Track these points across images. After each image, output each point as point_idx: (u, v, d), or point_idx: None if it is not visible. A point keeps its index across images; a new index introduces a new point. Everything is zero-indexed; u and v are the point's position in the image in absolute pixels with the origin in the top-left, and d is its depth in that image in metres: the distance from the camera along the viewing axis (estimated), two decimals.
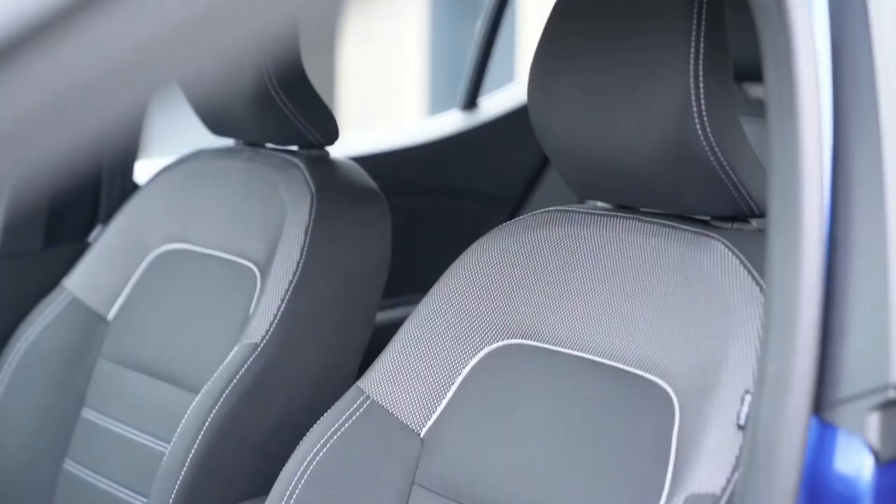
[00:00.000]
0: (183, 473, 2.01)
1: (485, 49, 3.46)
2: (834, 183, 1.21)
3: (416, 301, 1.84)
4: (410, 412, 1.76)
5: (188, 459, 2.01)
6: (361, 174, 2.36)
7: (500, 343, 1.73)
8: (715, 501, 1.38)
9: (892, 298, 1.19)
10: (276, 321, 2.09)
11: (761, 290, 1.49)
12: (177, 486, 2.01)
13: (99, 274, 2.45)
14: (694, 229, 1.61)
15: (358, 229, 2.25)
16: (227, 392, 2.04)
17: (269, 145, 2.41)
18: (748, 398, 1.42)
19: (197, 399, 2.06)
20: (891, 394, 1.18)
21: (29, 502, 2.44)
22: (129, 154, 2.68)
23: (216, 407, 2.03)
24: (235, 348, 2.09)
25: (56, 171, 0.71)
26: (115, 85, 0.71)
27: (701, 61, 1.49)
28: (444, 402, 1.75)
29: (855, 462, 1.16)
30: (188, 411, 2.06)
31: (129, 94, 0.72)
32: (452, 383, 1.75)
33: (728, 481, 1.38)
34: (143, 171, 2.73)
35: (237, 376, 2.05)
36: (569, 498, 1.57)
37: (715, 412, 1.45)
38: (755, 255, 1.53)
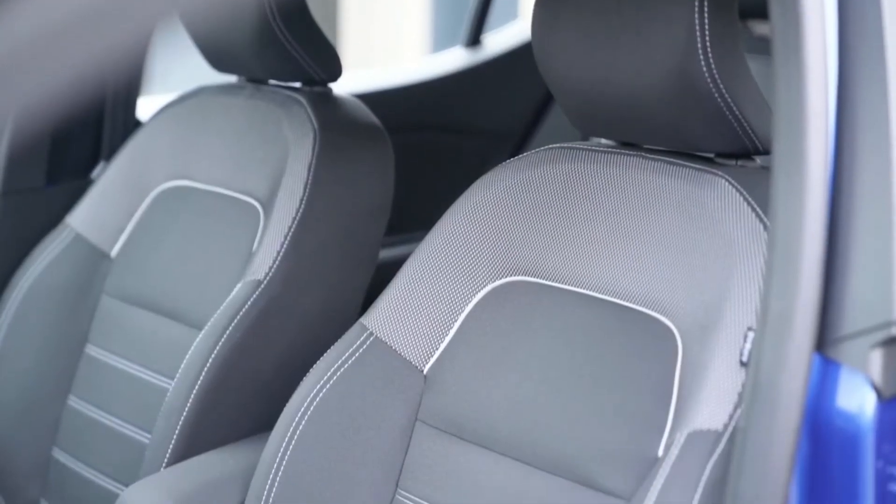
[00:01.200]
0: (186, 410, 2.01)
1: None
2: (839, 121, 1.21)
3: (420, 238, 1.84)
4: (413, 349, 1.76)
5: (192, 396, 2.01)
6: (365, 111, 2.35)
7: (503, 280, 1.73)
8: (717, 438, 1.38)
9: None
10: (279, 258, 2.09)
11: (765, 227, 1.49)
12: (180, 422, 2.01)
13: (102, 211, 2.45)
14: (698, 166, 1.61)
15: (361, 166, 2.25)
16: (230, 329, 2.04)
17: (272, 82, 2.40)
18: (751, 335, 1.42)
19: (200, 336, 2.07)
20: (893, 331, 1.18)
21: (33, 438, 2.45)
22: (131, 91, 2.67)
23: (219, 344, 2.03)
24: (239, 285, 2.09)
25: (58, 104, 0.70)
26: (115, 13, 0.71)
27: None
28: (447, 338, 1.75)
29: (857, 398, 1.17)
30: (191, 348, 2.07)
31: (129, 24, 0.71)
32: (455, 320, 1.75)
33: (730, 418, 1.39)
34: (145, 107, 2.72)
35: (240, 313, 2.05)
36: (571, 434, 1.58)
37: (717, 349, 1.45)
38: (759, 193, 1.53)
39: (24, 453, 2.45)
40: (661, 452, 1.48)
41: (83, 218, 2.46)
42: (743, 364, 1.41)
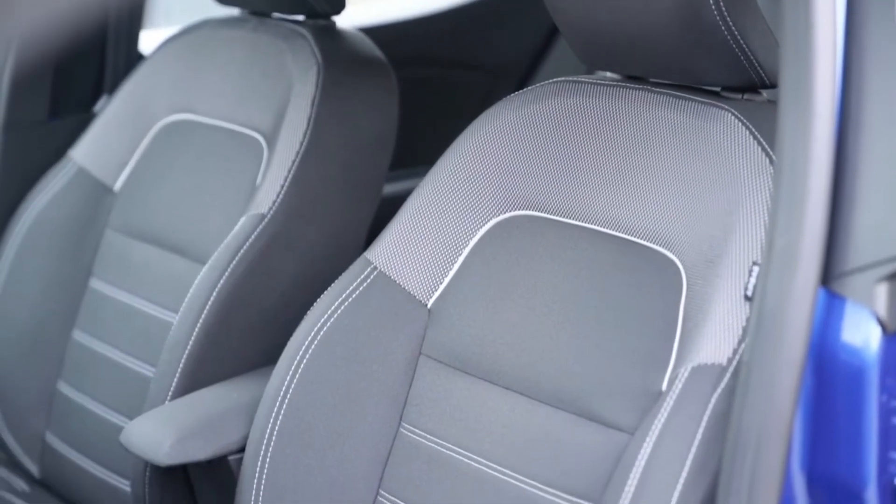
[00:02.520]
0: (190, 343, 2.01)
1: None
2: (846, 52, 1.20)
3: (424, 173, 1.83)
4: (417, 283, 1.76)
5: (195, 330, 2.02)
6: (369, 45, 2.34)
7: (508, 214, 1.73)
8: (721, 372, 1.38)
9: None
10: (282, 192, 2.09)
11: (770, 161, 1.48)
12: (184, 356, 2.02)
13: (105, 144, 2.44)
14: (703, 100, 1.60)
15: (365, 100, 2.24)
16: (233, 263, 2.04)
17: (276, 15, 2.39)
18: (756, 269, 1.42)
19: (204, 270, 2.07)
20: None
21: (38, 372, 2.45)
22: (133, 24, 2.65)
23: (223, 278, 2.03)
24: (242, 219, 2.09)
25: (60, 36, 0.70)
26: None
27: None
28: (451, 273, 1.75)
29: (862, 333, 1.17)
30: (195, 282, 2.06)
31: None
32: (459, 255, 1.75)
33: (734, 352, 1.39)
34: (148, 41, 2.70)
35: (244, 247, 2.05)
36: (574, 368, 1.58)
37: (722, 283, 1.45)
38: (765, 127, 1.52)
39: (29, 387, 2.45)
40: (664, 387, 1.48)
41: (86, 152, 2.45)
42: (748, 298, 1.41)
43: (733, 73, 1.56)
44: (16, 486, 2.49)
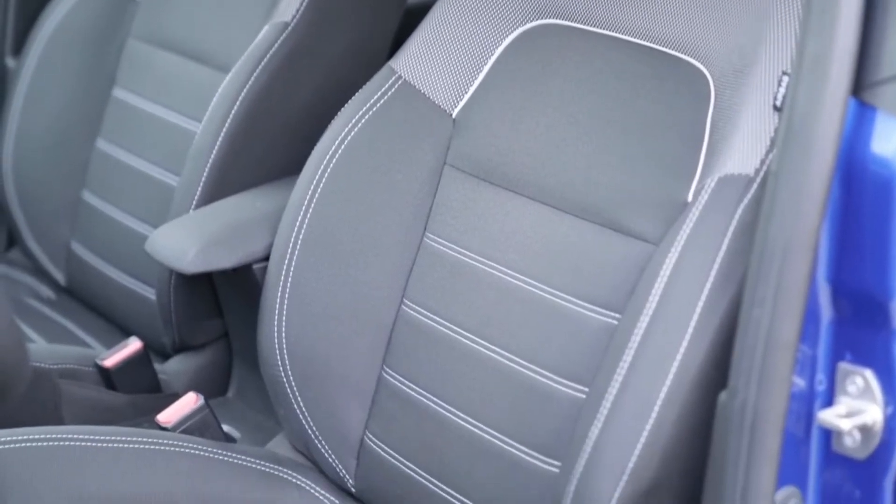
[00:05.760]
0: (214, 152, 2.01)
1: None
2: None
3: None
4: (442, 92, 1.75)
5: (219, 138, 2.01)
6: None
7: (535, 23, 1.70)
8: (748, 182, 1.38)
9: None
10: (306, 0, 2.06)
11: None
12: (208, 165, 2.01)
13: None
14: None
15: None
16: (257, 71, 2.02)
17: None
18: (786, 79, 1.40)
19: (227, 78, 2.05)
20: None
21: (63, 181, 2.46)
22: None
23: (246, 86, 2.02)
24: (265, 27, 2.07)
25: None
26: None
27: None
28: (477, 82, 1.73)
29: (892, 143, 1.15)
30: (219, 91, 2.05)
31: None
32: (485, 63, 1.73)
33: (762, 162, 1.38)
34: None
35: (267, 56, 2.03)
36: (599, 178, 1.57)
37: (751, 93, 1.44)
38: None
39: (55, 196, 2.47)
40: (690, 198, 1.47)
41: None
42: (776, 108, 1.39)
43: None
44: (42, 293, 2.52)
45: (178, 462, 1.70)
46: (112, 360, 2.02)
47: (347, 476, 1.76)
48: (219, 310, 2.13)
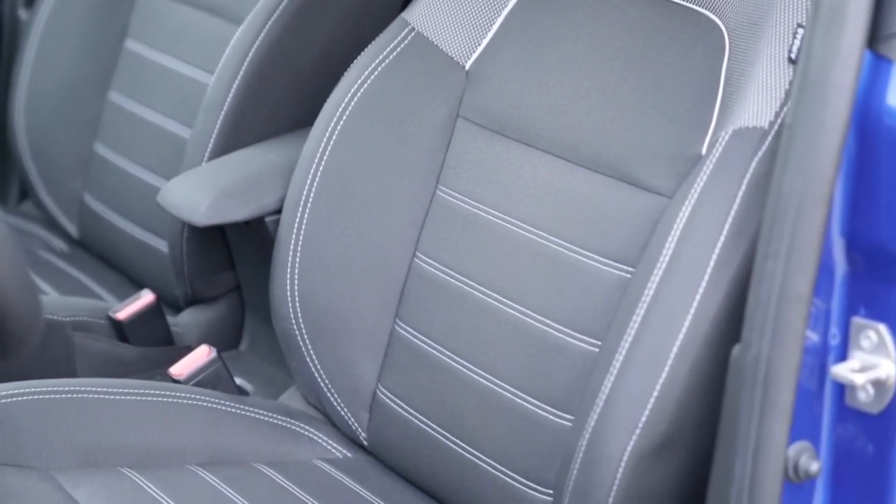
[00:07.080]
0: (227, 104, 2.00)
1: None
2: None
3: None
4: (455, 44, 1.74)
5: (232, 90, 2.00)
6: None
7: None
8: (763, 135, 1.37)
9: None
10: None
11: None
12: (221, 117, 2.01)
13: None
14: None
15: None
16: (269, 23, 2.01)
17: None
18: (801, 32, 1.39)
19: (240, 30, 2.04)
20: None
21: (75, 133, 2.46)
22: None
23: (259, 38, 2.01)
24: None
25: None
26: None
27: None
28: (490, 34, 1.72)
29: None
30: (231, 42, 2.05)
31: None
32: (499, 15, 1.72)
33: (777, 115, 1.37)
34: None
35: (279, 7, 2.02)
36: (613, 132, 1.56)
37: (766, 45, 1.42)
38: None
39: (67, 148, 2.46)
40: (704, 150, 1.46)
41: None
42: (791, 61, 1.38)
43: None
44: (55, 245, 2.52)
45: (190, 415, 1.71)
46: (125, 312, 2.02)
47: (359, 429, 1.77)
48: (231, 262, 2.13)
